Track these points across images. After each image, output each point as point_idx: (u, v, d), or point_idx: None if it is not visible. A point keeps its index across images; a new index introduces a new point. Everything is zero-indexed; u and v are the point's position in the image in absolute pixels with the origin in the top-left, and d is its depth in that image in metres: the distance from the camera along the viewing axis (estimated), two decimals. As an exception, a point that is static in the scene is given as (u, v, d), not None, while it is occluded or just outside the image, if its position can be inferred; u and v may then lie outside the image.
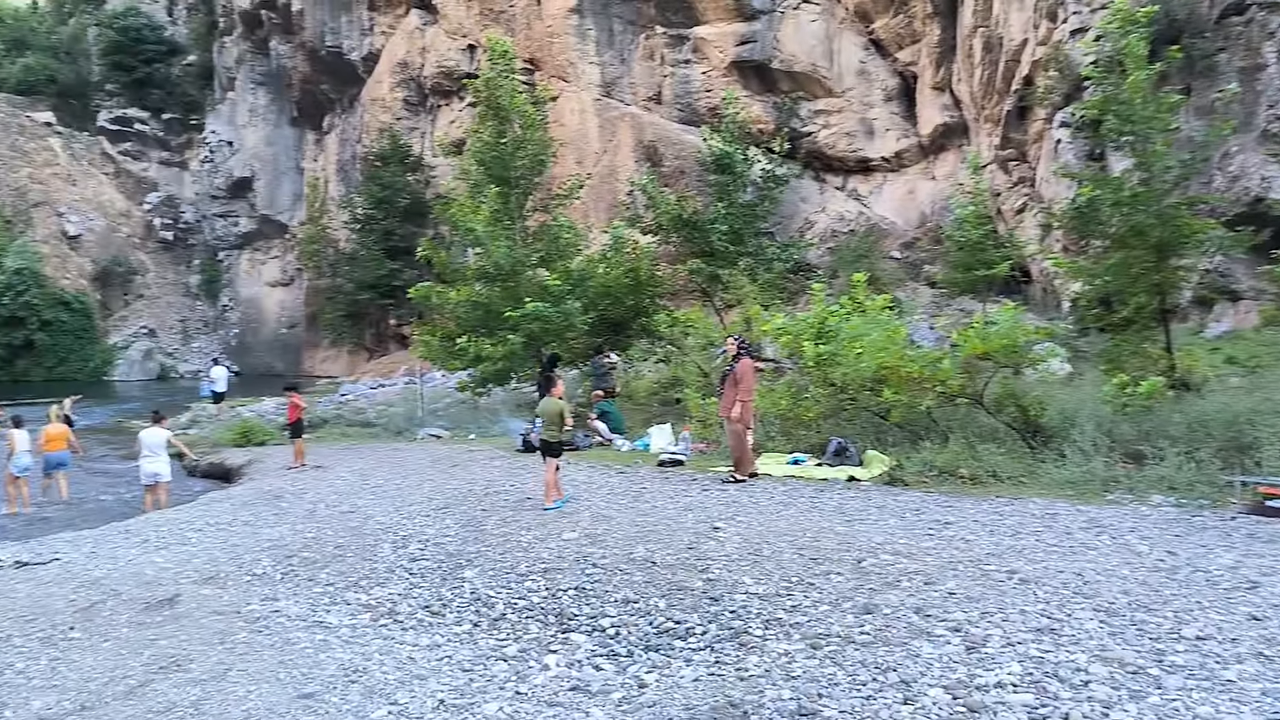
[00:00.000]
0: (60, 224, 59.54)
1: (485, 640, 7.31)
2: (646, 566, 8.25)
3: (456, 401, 25.53)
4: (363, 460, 17.44)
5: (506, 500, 11.68)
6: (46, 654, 7.27)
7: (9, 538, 13.28)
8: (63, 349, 55.59)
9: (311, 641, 7.21)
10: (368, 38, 48.97)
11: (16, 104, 64.11)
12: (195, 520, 12.17)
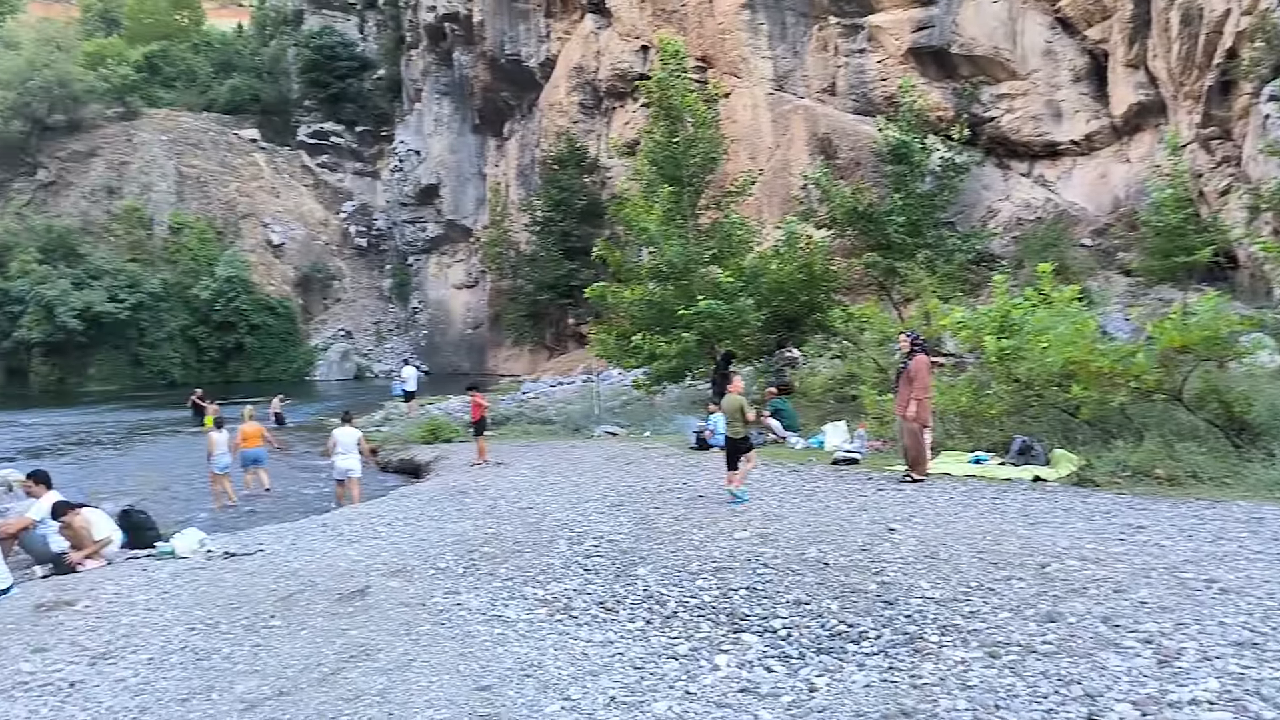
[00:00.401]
0: (265, 233, 63.60)
1: (657, 638, 7.36)
2: (819, 568, 8.15)
3: (632, 399, 25.87)
4: (542, 457, 17.87)
5: (679, 498, 11.75)
6: (249, 640, 7.76)
7: (220, 530, 14.23)
8: (269, 351, 59.41)
9: (490, 635, 7.44)
10: (545, 44, 50.18)
11: (225, 123, 68.88)
12: (385, 515, 12.74)
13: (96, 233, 60.58)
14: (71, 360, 56.96)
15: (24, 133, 62.39)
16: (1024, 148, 31.30)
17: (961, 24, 31.10)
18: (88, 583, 10.25)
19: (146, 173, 63.13)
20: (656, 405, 24.54)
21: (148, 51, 72.41)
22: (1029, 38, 30.26)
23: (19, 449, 28.66)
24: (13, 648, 8.13)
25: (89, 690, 7.00)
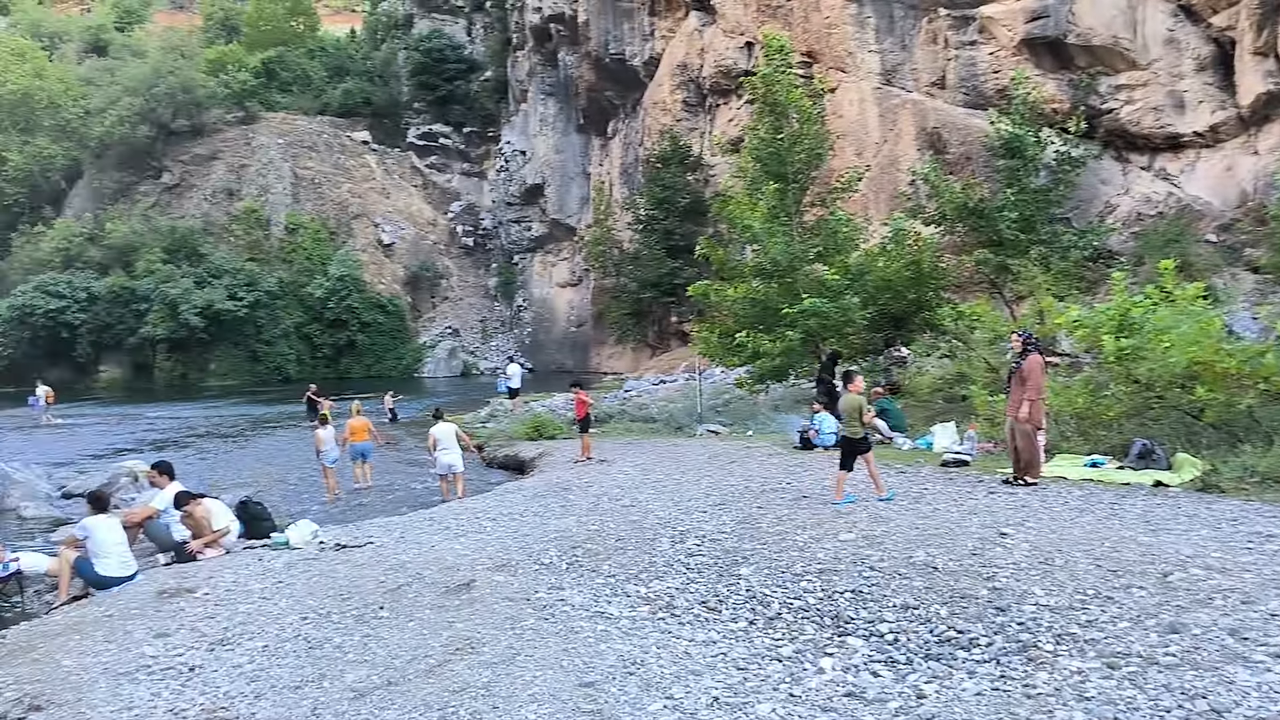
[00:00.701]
0: (376, 233, 65.14)
1: (760, 639, 7.29)
2: (927, 572, 7.96)
3: (735, 397, 25.74)
4: (644, 455, 17.90)
5: (783, 498, 11.63)
6: (359, 630, 7.93)
7: (332, 522, 14.61)
8: (379, 348, 60.83)
9: (593, 631, 7.46)
10: (649, 43, 50.28)
11: (338, 125, 70.77)
12: (490, 510, 12.91)
13: (217, 233, 62.83)
14: (193, 356, 59.22)
15: (150, 137, 65.04)
16: (1144, 140, 30.15)
17: (1078, 13, 30.09)
18: (207, 571, 10.63)
19: (264, 175, 65.23)
20: (759, 404, 24.39)
21: (265, 57, 74.70)
22: (1150, 26, 29.13)
23: (144, 441, 29.92)
24: (137, 632, 8.47)
25: (207, 675, 7.24)
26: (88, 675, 7.45)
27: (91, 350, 59.48)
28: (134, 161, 65.92)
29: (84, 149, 67.34)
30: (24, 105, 66.85)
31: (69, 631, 8.77)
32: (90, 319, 58.08)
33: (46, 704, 6.93)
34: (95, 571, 10.54)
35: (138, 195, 65.27)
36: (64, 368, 59.11)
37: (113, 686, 7.13)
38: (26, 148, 65.91)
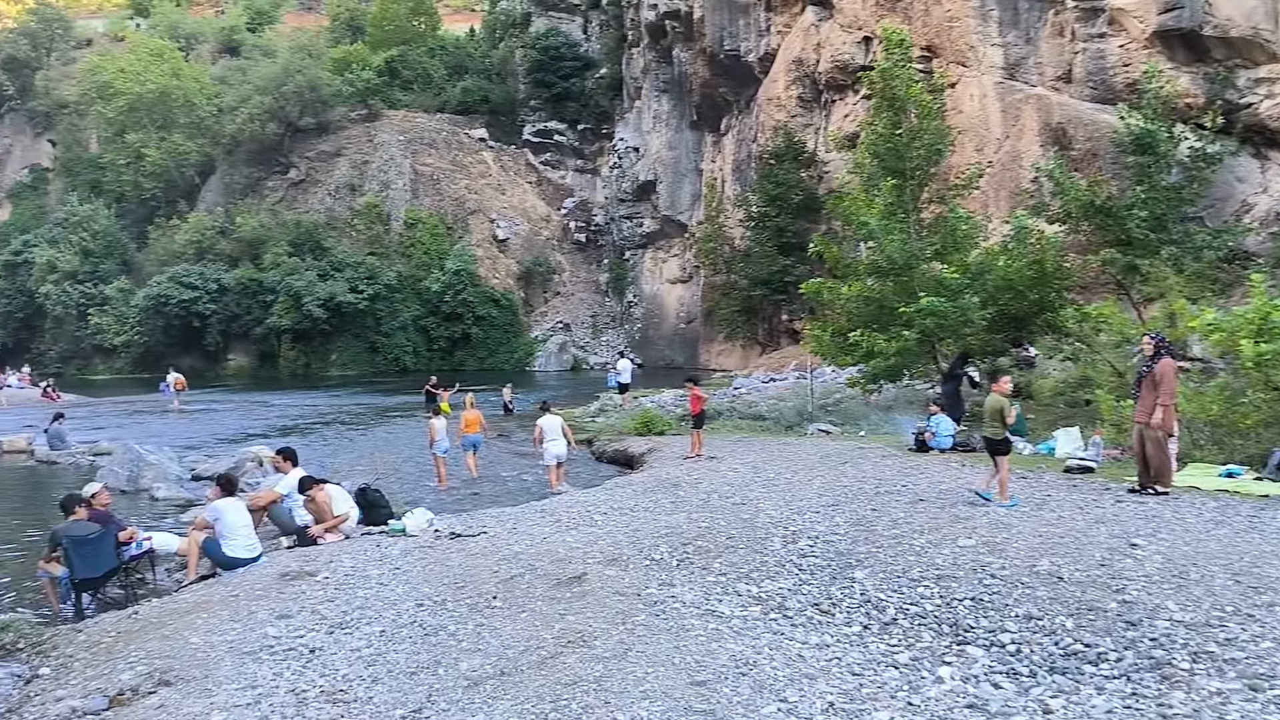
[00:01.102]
0: (491, 229, 66.21)
1: (875, 644, 7.15)
2: (1051, 582, 7.69)
3: (846, 397, 25.36)
4: (754, 453, 17.76)
5: (898, 501, 11.39)
6: (473, 620, 8.03)
7: (446, 511, 14.86)
8: (493, 342, 61.86)
9: (705, 630, 7.41)
10: (764, 38, 49.91)
11: (457, 123, 72.17)
12: (601, 504, 12.95)
13: (340, 227, 64.72)
14: (316, 346, 61.15)
15: (278, 134, 67.40)
16: (1286, 136, 28.68)
17: (1215, 3, 28.73)
18: (327, 555, 10.91)
19: (385, 171, 66.92)
20: (872, 404, 23.98)
21: (388, 56, 76.56)
22: (1295, 15, 27.66)
23: (270, 427, 30.99)
24: (260, 613, 8.73)
25: (327, 657, 7.42)
26: (214, 653, 7.71)
27: (221, 339, 61.98)
28: (263, 158, 68.40)
29: (217, 145, 70.22)
30: (162, 104, 69.96)
31: (197, 610, 9.11)
32: (220, 309, 60.51)
33: (175, 679, 7.19)
34: (222, 552, 10.93)
35: (266, 190, 67.73)
36: (195, 356, 61.76)
37: (237, 665, 7.37)
38: (163, 144, 68.98)
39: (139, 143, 69.42)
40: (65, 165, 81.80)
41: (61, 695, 7.45)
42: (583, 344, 64.15)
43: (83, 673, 7.97)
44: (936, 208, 22.46)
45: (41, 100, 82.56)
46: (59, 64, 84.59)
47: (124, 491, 18.48)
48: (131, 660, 7.85)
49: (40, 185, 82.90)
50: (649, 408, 27.50)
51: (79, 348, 67.62)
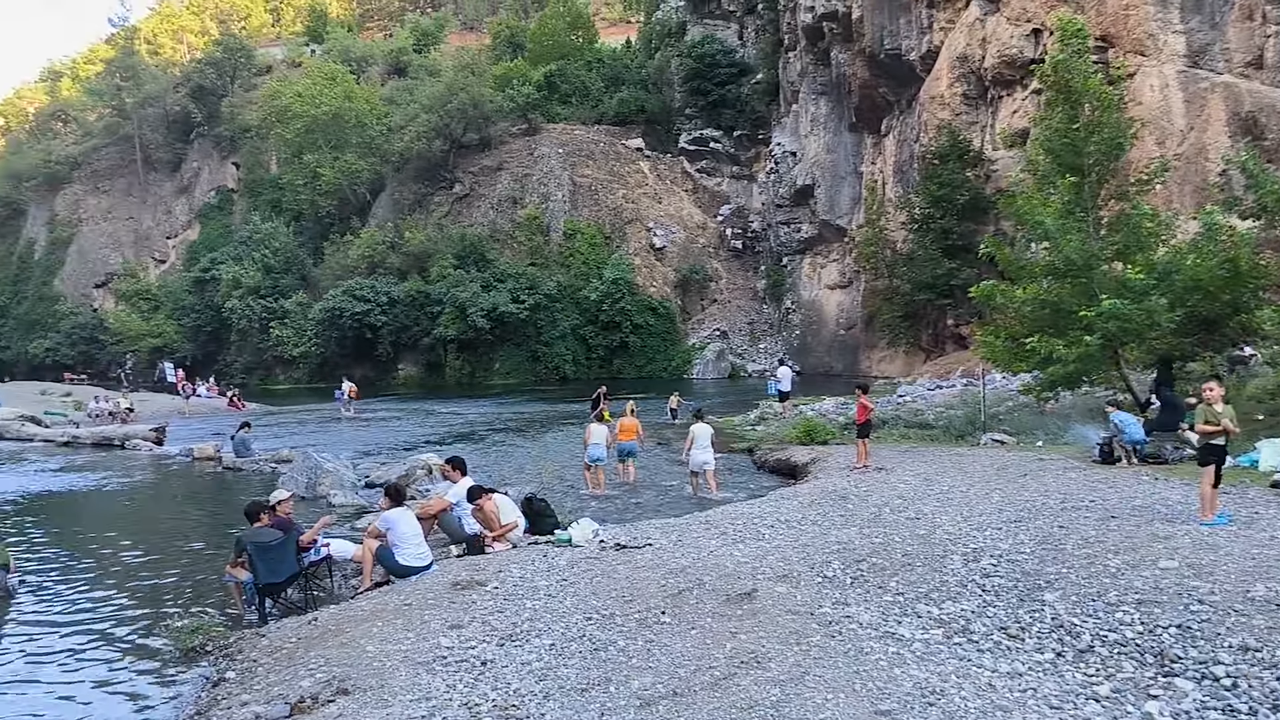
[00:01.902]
0: (648, 238, 66.61)
1: (1071, 674, 6.66)
2: (1270, 609, 7.02)
3: (1019, 405, 24.27)
4: (924, 464, 17.13)
5: (1087, 517, 10.70)
6: (642, 635, 7.88)
7: (609, 521, 14.84)
8: (650, 350, 62.16)
9: (884, 653, 7.06)
10: (926, 36, 48.55)
11: (614, 134, 73.03)
12: (767, 516, 12.66)
13: (502, 239, 66.29)
14: (480, 355, 62.74)
15: (444, 151, 69.64)
16: None
17: None
18: (496, 564, 11.00)
19: (545, 183, 68.22)
20: (1048, 413, 22.86)
21: (547, 71, 78.09)
22: None
23: (438, 435, 31.85)
24: (433, 622, 8.82)
25: (498, 670, 7.40)
26: (389, 662, 7.81)
27: (391, 349, 64.32)
28: (429, 174, 70.76)
29: (386, 163, 73.07)
30: (335, 125, 73.35)
31: (372, 618, 9.28)
32: (390, 320, 62.79)
33: (353, 688, 7.30)
34: (396, 560, 11.15)
35: (432, 205, 70.01)
36: (367, 365, 64.31)
37: (412, 675, 7.43)
38: (337, 164, 72.26)
39: (315, 163, 72.97)
40: (248, 186, 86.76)
41: (246, 700, 7.68)
42: (740, 351, 63.75)
43: (265, 678, 8.21)
44: (1117, 205, 21.22)
45: (226, 125, 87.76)
46: (242, 91, 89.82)
47: (303, 498, 19.21)
48: (311, 667, 8.04)
49: (226, 206, 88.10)
50: (810, 416, 27.00)
51: (261, 359, 71.46)
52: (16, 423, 35.71)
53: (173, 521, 18.96)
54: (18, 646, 10.70)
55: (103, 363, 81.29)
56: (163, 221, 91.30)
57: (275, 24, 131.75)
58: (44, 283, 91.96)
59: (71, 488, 23.35)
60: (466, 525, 12.68)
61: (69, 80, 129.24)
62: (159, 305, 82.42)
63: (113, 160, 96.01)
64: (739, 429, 28.94)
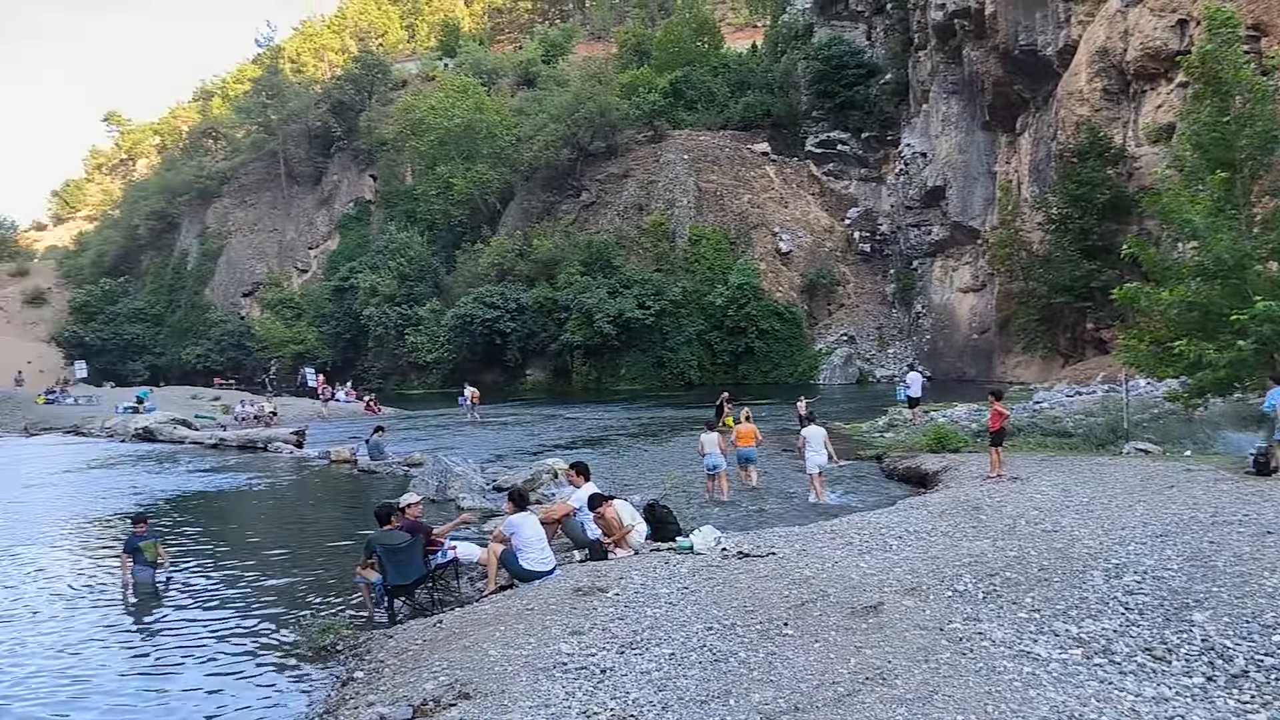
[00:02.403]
0: (774, 242, 66.09)
1: (1223, 700, 6.23)
2: None
3: (1165, 413, 23.09)
4: (1062, 474, 16.43)
5: (1240, 533, 10.04)
6: (764, 647, 7.73)
7: (732, 528, 14.69)
8: (776, 355, 61.66)
9: (1019, 673, 6.74)
10: (1063, 30, 46.86)
11: (739, 138, 72.75)
12: (895, 526, 12.32)
13: (628, 246, 66.74)
14: (605, 361, 63.26)
15: (571, 159, 70.58)
16: None
17: None
18: (618, 571, 10.98)
19: (670, 189, 68.40)
20: (1196, 420, 21.70)
21: (673, 78, 78.37)
22: None
23: (563, 440, 32.17)
24: (554, 628, 8.84)
25: (618, 679, 7.35)
26: (510, 667, 7.85)
27: (519, 355, 65.48)
28: (557, 182, 71.80)
29: (515, 173, 74.51)
30: (467, 136, 75.18)
31: (495, 622, 9.37)
32: (519, 327, 63.92)
33: (474, 692, 7.35)
34: (519, 565, 11.25)
35: (560, 213, 71.01)
36: (496, 371, 65.64)
37: (532, 681, 7.44)
38: (469, 174, 74.04)
39: (447, 173, 74.93)
40: (384, 197, 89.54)
41: (372, 700, 7.83)
42: (868, 356, 62.64)
43: (391, 679, 8.36)
44: (1271, 201, 20.04)
45: (364, 139, 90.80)
46: (378, 105, 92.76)
47: (433, 501, 19.63)
48: (435, 670, 8.15)
49: (364, 216, 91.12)
50: (941, 422, 26.29)
51: (397, 364, 73.66)
52: (169, 426, 37.60)
53: (309, 522, 19.62)
54: (163, 640, 11.24)
55: (249, 368, 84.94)
56: (305, 232, 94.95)
57: (410, 40, 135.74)
58: (196, 292, 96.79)
59: (219, 488, 24.44)
60: (589, 530, 12.73)
61: (219, 99, 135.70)
62: (301, 313, 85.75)
63: (259, 175, 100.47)
64: (867, 436, 28.39)
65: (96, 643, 11.07)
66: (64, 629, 11.65)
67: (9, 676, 9.90)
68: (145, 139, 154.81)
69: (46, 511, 21.14)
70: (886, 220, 68.04)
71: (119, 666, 10.26)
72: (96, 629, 11.65)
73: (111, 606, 12.74)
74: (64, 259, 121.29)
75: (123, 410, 45.67)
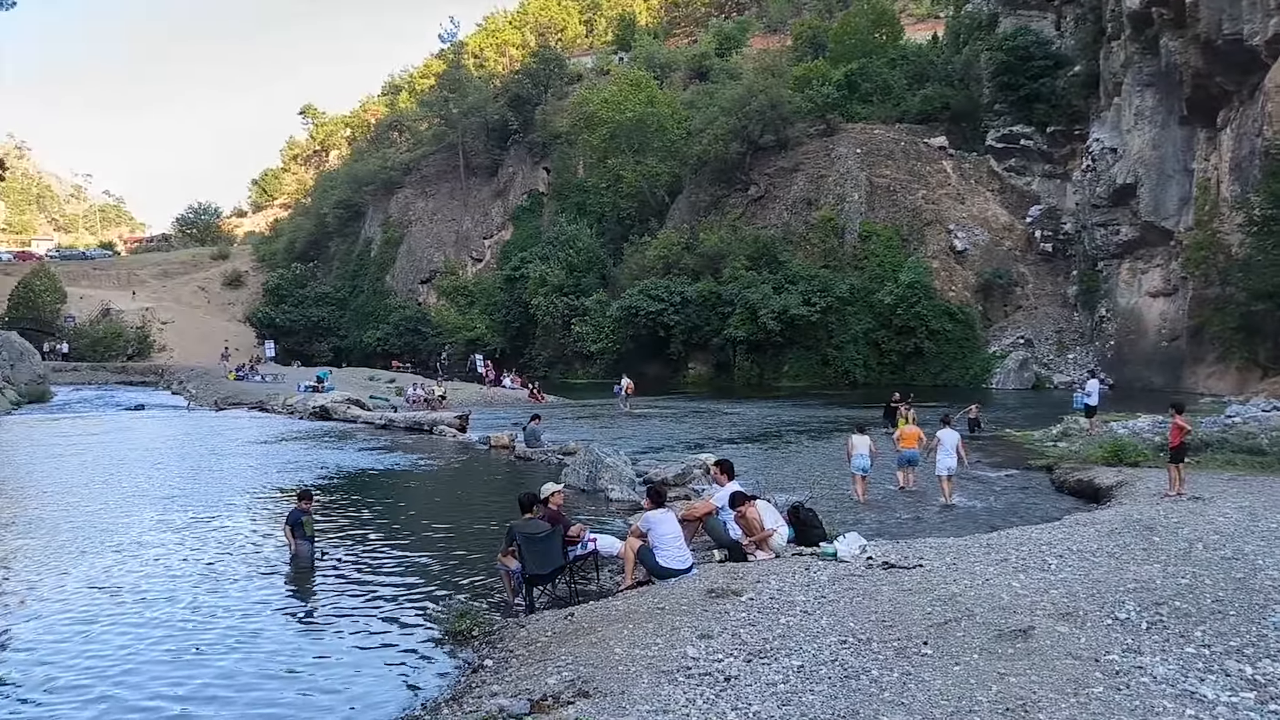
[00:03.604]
0: (949, 240, 63.98)
1: None
2: None
3: (1379, 433, 21.09)
4: (1251, 495, 15.16)
5: None
6: (899, 666, 7.29)
7: (884, 536, 14.14)
8: (946, 357, 59.67)
9: (1179, 715, 6.11)
10: (1272, 18, 43.43)
11: (915, 132, 70.67)
12: (1056, 543, 11.55)
13: (795, 241, 65.84)
14: (768, 357, 62.61)
15: (740, 153, 70.13)
16: None
17: None
18: (755, 574, 10.67)
19: (841, 184, 67.08)
20: None
21: (848, 70, 76.81)
22: None
23: (720, 435, 31.91)
24: (683, 629, 8.62)
25: (741, 689, 7.06)
26: (633, 668, 7.68)
27: (682, 349, 65.54)
28: (725, 176, 71.50)
29: (685, 166, 74.59)
30: (638, 129, 75.72)
31: (625, 618, 9.22)
32: (682, 320, 63.96)
33: (594, 691, 7.21)
34: (656, 561, 11.09)
35: (727, 207, 70.70)
36: (659, 364, 65.95)
37: (653, 684, 7.24)
38: (638, 167, 74.56)
39: (617, 166, 75.69)
40: (556, 190, 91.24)
41: (495, 691, 7.81)
42: (1046, 361, 59.82)
43: (517, 670, 8.33)
44: None
45: (539, 132, 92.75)
46: (554, 99, 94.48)
47: (583, 490, 19.75)
48: (559, 664, 8.07)
49: (536, 208, 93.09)
50: (1120, 434, 24.79)
51: (563, 354, 74.97)
52: (343, 405, 39.30)
53: (464, 505, 20.06)
54: (308, 613, 11.63)
55: (424, 353, 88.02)
56: (480, 223, 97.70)
57: (588, 34, 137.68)
58: (377, 278, 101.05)
59: (385, 466, 25.35)
60: (731, 530, 12.45)
61: (406, 93, 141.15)
62: (474, 301, 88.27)
63: (439, 166, 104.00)
64: (1038, 445, 27.06)
65: (256, 610, 11.59)
66: (240, 593, 12.35)
67: (180, 642, 10.40)
68: (337, 131, 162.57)
69: (237, 481, 22.48)
70: (1071, 219, 64.81)
71: (269, 633, 10.69)
72: (259, 597, 12.23)
73: (276, 576, 13.30)
74: (260, 244, 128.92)
75: (303, 389, 48.00)
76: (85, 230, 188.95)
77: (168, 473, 24.01)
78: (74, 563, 13.91)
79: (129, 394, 56.24)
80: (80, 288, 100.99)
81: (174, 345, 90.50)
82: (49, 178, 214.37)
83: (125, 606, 11.63)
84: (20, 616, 11.32)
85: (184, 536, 15.83)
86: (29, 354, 56.49)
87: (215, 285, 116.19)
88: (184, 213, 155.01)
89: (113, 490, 20.91)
